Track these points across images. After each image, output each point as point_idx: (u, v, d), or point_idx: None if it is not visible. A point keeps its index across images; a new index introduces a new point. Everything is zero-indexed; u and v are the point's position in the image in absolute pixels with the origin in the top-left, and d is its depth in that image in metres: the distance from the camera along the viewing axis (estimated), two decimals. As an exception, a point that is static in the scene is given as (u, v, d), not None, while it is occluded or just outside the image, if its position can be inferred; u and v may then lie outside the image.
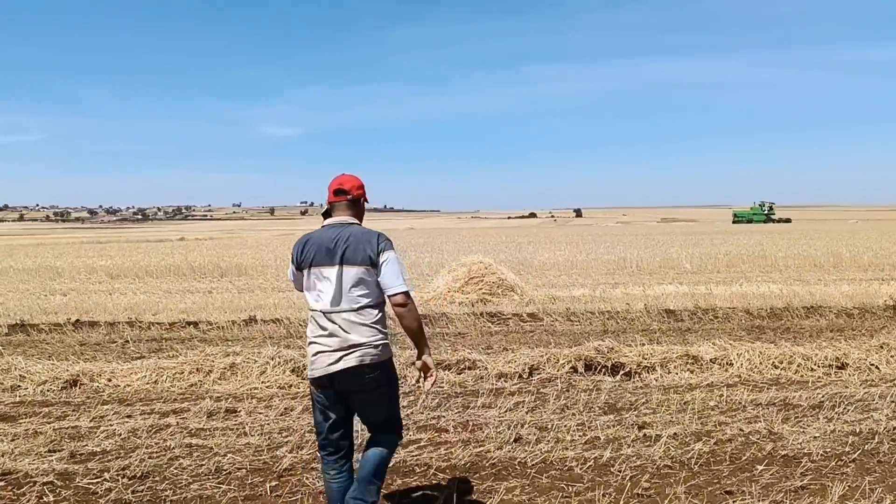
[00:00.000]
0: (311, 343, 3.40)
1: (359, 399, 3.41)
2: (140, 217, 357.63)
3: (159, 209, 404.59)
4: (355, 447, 3.72)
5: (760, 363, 7.16)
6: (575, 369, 7.08)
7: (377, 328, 3.37)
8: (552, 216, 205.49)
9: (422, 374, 3.55)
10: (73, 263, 20.51)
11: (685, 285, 14.58)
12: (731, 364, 7.15)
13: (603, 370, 7.05)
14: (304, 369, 6.80)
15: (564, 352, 7.31)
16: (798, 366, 7.09)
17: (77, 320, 10.52)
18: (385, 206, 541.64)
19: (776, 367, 7.11)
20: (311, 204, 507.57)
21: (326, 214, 3.54)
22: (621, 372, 7.00)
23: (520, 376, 6.97)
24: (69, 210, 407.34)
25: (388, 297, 3.37)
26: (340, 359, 3.29)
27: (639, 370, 7.03)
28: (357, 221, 3.52)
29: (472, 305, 12.12)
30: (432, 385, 3.52)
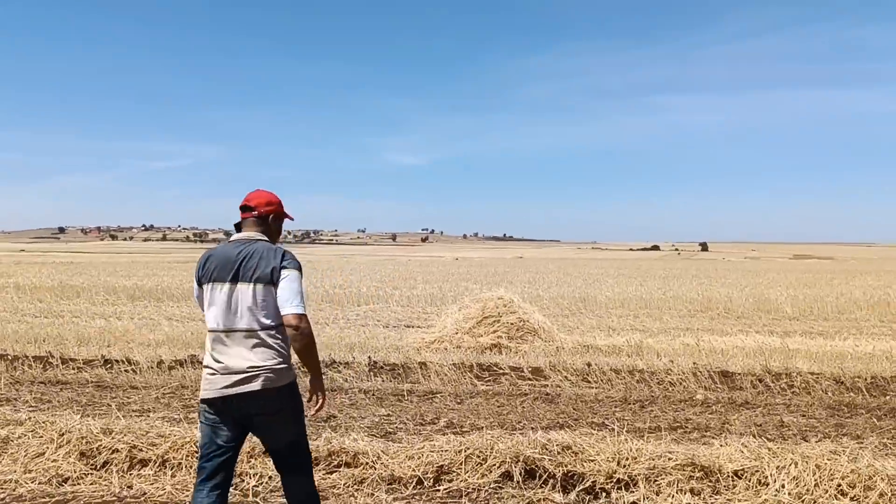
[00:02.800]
0: (206, 365, 3.16)
1: (258, 423, 3.16)
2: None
3: (289, 233, 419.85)
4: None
5: (816, 485, 4.34)
6: (509, 476, 4.56)
7: (277, 349, 3.13)
8: (676, 249, 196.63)
9: (312, 398, 3.29)
10: (97, 282, 19.47)
11: (774, 336, 11.43)
12: (766, 484, 4.39)
13: (550, 482, 4.48)
14: (98, 454, 4.68)
15: (500, 446, 4.78)
16: (881, 495, 4.25)
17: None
18: (504, 235, 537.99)
19: (842, 495, 4.29)
20: (432, 231, 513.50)
21: (238, 230, 3.38)
22: (578, 487, 4.42)
23: (419, 483, 4.54)
24: (207, 231, 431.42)
25: (282, 315, 3.10)
26: (237, 383, 3.04)
27: (608, 486, 4.41)
28: (264, 238, 3.30)
29: (482, 352, 9.70)
30: (318, 410, 3.25)
